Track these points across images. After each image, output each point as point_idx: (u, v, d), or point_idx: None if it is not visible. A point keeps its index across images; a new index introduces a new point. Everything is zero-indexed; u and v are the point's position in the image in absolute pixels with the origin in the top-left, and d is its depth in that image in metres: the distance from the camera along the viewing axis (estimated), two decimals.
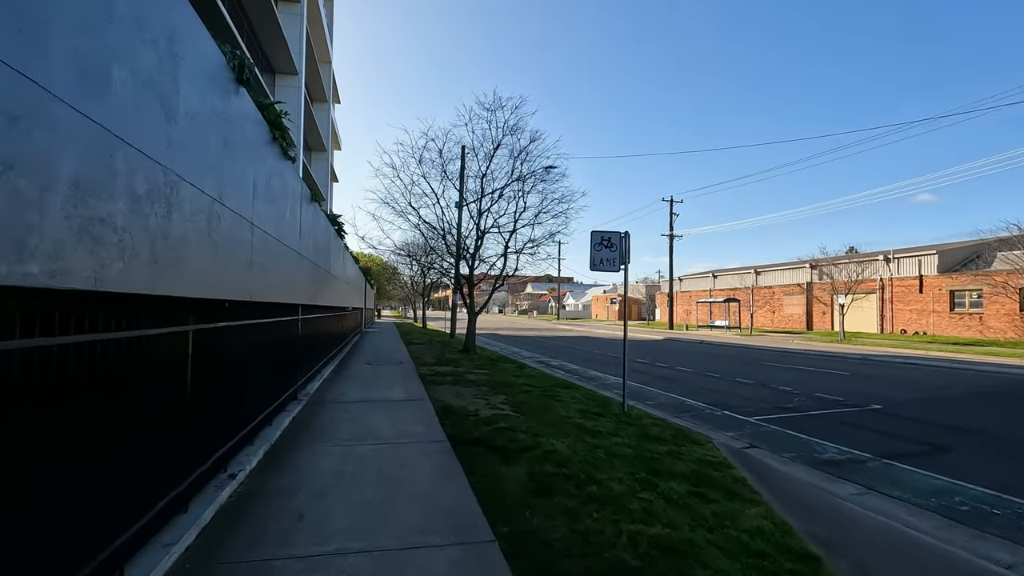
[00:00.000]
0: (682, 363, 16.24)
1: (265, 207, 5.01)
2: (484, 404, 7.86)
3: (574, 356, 18.60)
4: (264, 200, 4.96)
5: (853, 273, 30.41)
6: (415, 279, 40.90)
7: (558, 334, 34.47)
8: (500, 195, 16.32)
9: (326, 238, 10.18)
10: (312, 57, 28.76)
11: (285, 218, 6.05)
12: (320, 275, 9.40)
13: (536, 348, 22.31)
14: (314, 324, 9.58)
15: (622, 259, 7.81)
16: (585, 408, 7.77)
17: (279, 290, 5.95)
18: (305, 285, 7.85)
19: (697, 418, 8.21)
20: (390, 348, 17.72)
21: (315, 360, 9.79)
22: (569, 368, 14.80)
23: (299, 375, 7.97)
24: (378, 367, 12.18)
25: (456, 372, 11.53)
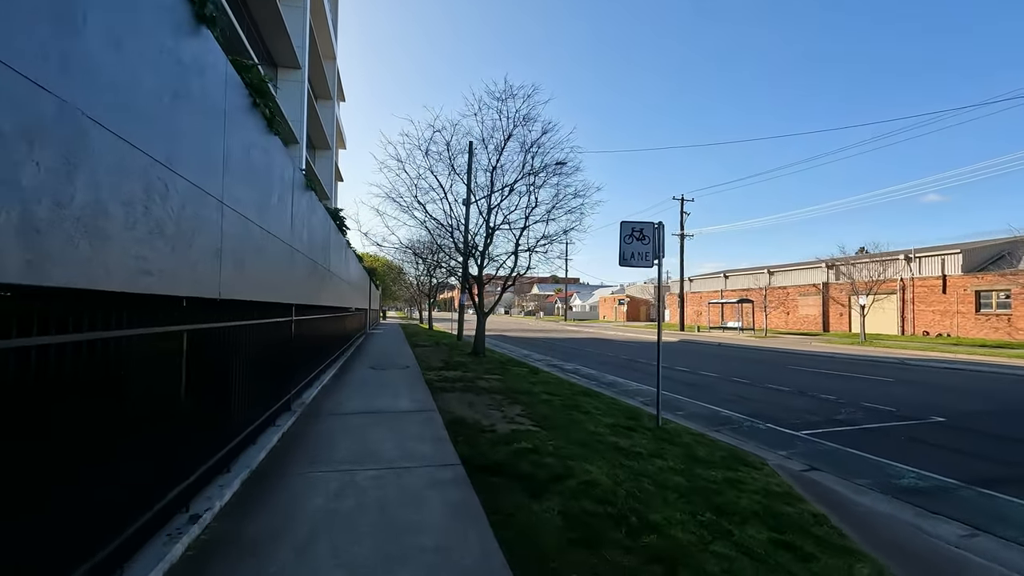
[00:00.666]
0: (704, 367, 15.29)
1: (244, 187, 4.15)
2: (500, 416, 6.97)
3: (588, 359, 17.68)
4: (242, 178, 4.09)
5: (875, 273, 29.31)
6: (420, 279, 40.13)
7: (568, 336, 33.54)
8: (511, 190, 15.45)
9: (325, 232, 9.33)
10: (316, 52, 28.01)
11: (272, 204, 5.18)
12: (318, 273, 8.55)
13: (547, 350, 21.41)
14: (312, 326, 8.73)
15: (656, 253, 6.91)
16: (615, 422, 6.86)
17: (265, 287, 5.09)
18: (300, 283, 7.00)
19: (739, 432, 7.28)
20: (395, 351, 16.87)
21: (313, 365, 8.93)
22: (585, 373, 13.89)
23: (293, 383, 7.12)
24: (382, 372, 11.31)
25: (466, 378, 10.64)
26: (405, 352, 16.42)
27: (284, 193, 5.77)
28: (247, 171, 4.25)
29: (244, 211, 4.14)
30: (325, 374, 10.35)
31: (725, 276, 51.56)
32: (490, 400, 8.19)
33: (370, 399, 8.00)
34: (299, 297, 7.00)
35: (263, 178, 4.79)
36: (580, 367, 15.21)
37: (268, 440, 5.33)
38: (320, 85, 31.49)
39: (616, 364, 16.14)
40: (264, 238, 4.86)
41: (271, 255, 5.25)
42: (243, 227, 4.13)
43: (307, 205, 7.28)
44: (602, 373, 13.77)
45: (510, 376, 11.22)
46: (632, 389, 11.13)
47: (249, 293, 4.46)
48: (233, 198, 3.81)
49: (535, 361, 16.52)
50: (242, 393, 4.80)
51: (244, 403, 4.85)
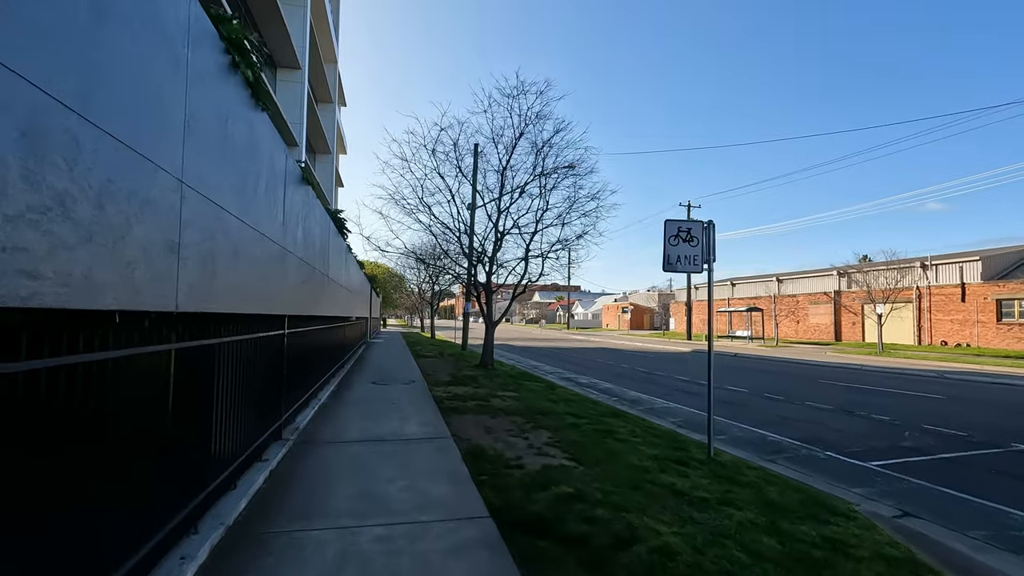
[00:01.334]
0: (729, 381, 14.31)
1: (218, 168, 3.23)
2: (525, 445, 6.00)
3: (602, 372, 16.69)
4: (215, 156, 3.17)
5: (892, 280, 28.36)
6: (422, 287, 39.18)
7: (574, 345, 32.55)
8: (521, 192, 14.55)
9: (323, 234, 8.40)
10: (316, 53, 27.28)
11: (258, 195, 4.26)
12: (315, 279, 7.61)
13: (556, 361, 20.42)
14: (308, 339, 7.78)
15: (707, 256, 5.97)
16: (660, 454, 5.89)
17: (249, 296, 4.15)
18: (294, 291, 6.06)
19: (799, 463, 6.32)
20: (398, 362, 15.90)
21: (309, 382, 7.97)
22: (603, 387, 12.92)
23: (285, 406, 6.16)
24: (385, 388, 10.34)
25: (478, 395, 9.67)
26: (409, 364, 15.44)
27: (274, 184, 4.84)
28: (223, 148, 3.32)
29: (218, 198, 3.20)
30: (323, 391, 9.39)
31: (732, 284, 50.63)
32: (510, 424, 7.22)
33: (373, 423, 7.03)
34: (293, 307, 6.07)
35: (246, 161, 3.86)
36: (596, 381, 14.23)
37: (252, 482, 4.37)
38: (321, 88, 30.79)
39: (634, 378, 15.16)
40: (247, 235, 3.93)
41: (257, 257, 4.31)
42: (215, 218, 3.19)
43: (303, 201, 6.35)
44: (622, 388, 12.79)
45: (526, 393, 10.25)
46: (660, 408, 10.16)
47: (226, 303, 3.52)
48: (199, 178, 2.88)
49: (547, 374, 15.54)
50: (220, 428, 3.85)
51: (222, 440, 3.89)
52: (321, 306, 8.47)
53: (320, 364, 9.32)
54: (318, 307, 8.12)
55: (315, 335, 8.55)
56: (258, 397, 5.05)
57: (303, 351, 7.41)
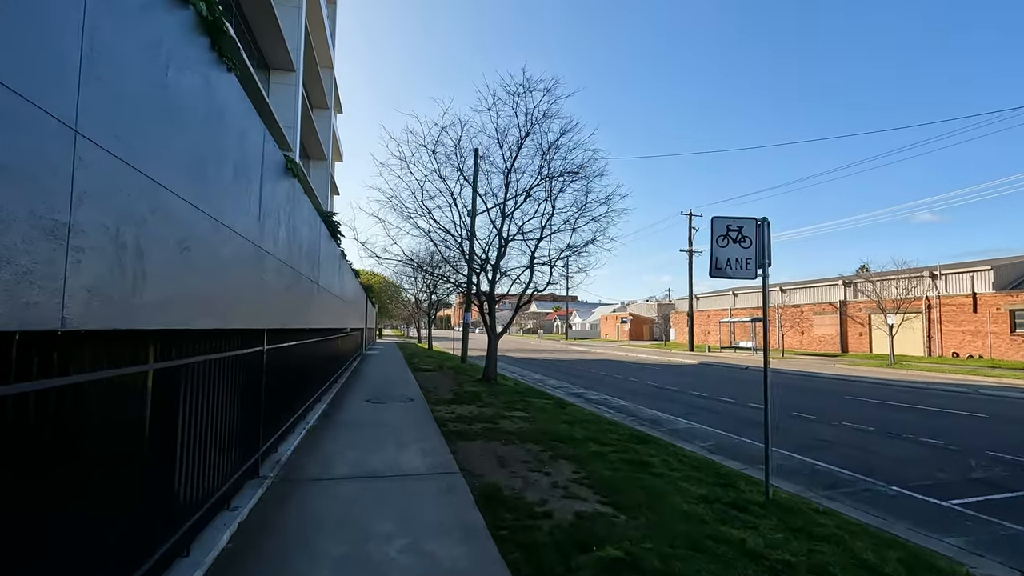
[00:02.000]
0: (751, 397, 13.39)
1: (151, 130, 2.33)
2: (549, 483, 5.07)
3: (611, 387, 15.75)
4: (146, 112, 2.27)
5: (903, 290, 27.61)
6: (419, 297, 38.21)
7: (575, 356, 31.59)
8: (527, 196, 13.68)
9: (313, 237, 7.50)
10: (312, 57, 26.54)
11: (221, 176, 3.36)
12: (303, 287, 6.70)
13: (560, 374, 19.48)
14: (294, 355, 6.85)
15: (761, 259, 5.10)
16: (708, 493, 4.96)
17: (209, 306, 3.24)
18: (276, 299, 5.15)
19: (867, 501, 5.41)
20: (395, 376, 14.92)
21: (296, 404, 7.03)
22: (616, 405, 11.98)
23: (264, 435, 5.22)
24: (381, 407, 9.38)
25: (484, 415, 8.73)
26: (406, 378, 14.47)
27: (247, 168, 3.94)
28: (162, 105, 2.43)
29: (153, 170, 2.30)
30: (313, 412, 8.43)
31: (733, 294, 49.85)
32: (525, 453, 6.28)
33: (367, 452, 6.07)
34: (275, 318, 5.15)
35: (202, 130, 2.97)
36: (607, 397, 13.29)
37: (213, 543, 3.42)
38: (316, 93, 30.05)
39: (647, 394, 14.22)
40: (203, 227, 3.02)
41: (221, 257, 3.40)
42: (146, 196, 2.28)
43: (287, 196, 5.45)
44: (637, 406, 11.85)
45: (536, 412, 9.31)
46: (684, 428, 9.23)
47: (169, 316, 2.60)
48: (112, 133, 1.98)
49: (553, 389, 14.60)
50: (171, 474, 2.93)
51: (175, 488, 2.97)
52: (311, 317, 7.55)
53: (310, 382, 8.37)
54: (307, 318, 7.19)
55: (303, 350, 7.61)
56: (228, 430, 4.12)
57: (289, 369, 6.48)
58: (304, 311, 6.91)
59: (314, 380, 9.00)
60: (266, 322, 4.82)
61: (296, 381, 7.10)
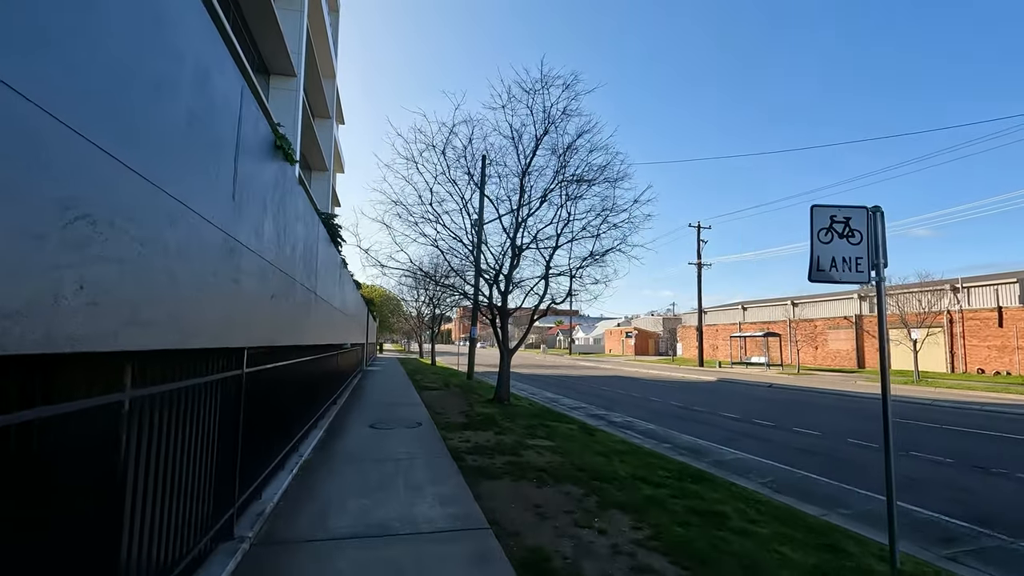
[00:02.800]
0: (792, 420, 12.23)
1: (50, 58, 1.26)
2: (607, 547, 3.93)
3: (633, 407, 14.57)
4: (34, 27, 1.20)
5: (927, 304, 26.50)
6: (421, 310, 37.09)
7: (585, 373, 30.38)
8: (543, 200, 12.65)
9: (310, 237, 6.43)
10: (313, 64, 25.79)
11: (166, 117, 2.30)
12: (296, 295, 5.61)
13: (574, 392, 18.30)
14: (286, 376, 5.74)
15: (875, 259, 4.02)
16: (819, 564, 3.82)
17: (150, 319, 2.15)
18: (261, 311, 4.07)
19: (998, 563, 4.27)
20: (398, 395, 13.77)
21: (285, 436, 5.90)
22: (643, 428, 10.83)
23: (242, 483, 4.10)
24: (386, 434, 8.24)
25: (504, 444, 7.58)
26: (411, 397, 13.32)
27: (213, 122, 2.89)
28: (72, 22, 1.37)
29: (55, 106, 1.24)
30: (307, 441, 7.29)
31: (743, 308, 48.78)
32: (565, 498, 5.13)
33: (373, 498, 4.93)
34: (259, 334, 4.06)
35: (130, 56, 1.91)
36: (631, 419, 12.13)
37: None
38: (318, 103, 29.28)
39: (674, 415, 13.05)
40: (130, 191, 1.95)
41: (165, 243, 2.33)
42: (45, 140, 1.21)
43: (275, 180, 4.39)
44: (667, 430, 10.69)
45: (562, 440, 8.17)
46: (731, 460, 8.09)
47: (81, 331, 1.52)
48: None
49: (571, 410, 13.43)
50: (111, 546, 1.82)
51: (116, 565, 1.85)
52: (307, 332, 6.45)
53: (306, 406, 7.25)
54: (302, 333, 6.10)
55: (298, 370, 6.50)
56: (191, 481, 3.02)
57: (278, 394, 5.36)
58: (299, 325, 5.81)
59: (311, 404, 7.88)
60: (244, 339, 3.73)
61: (288, 408, 5.98)
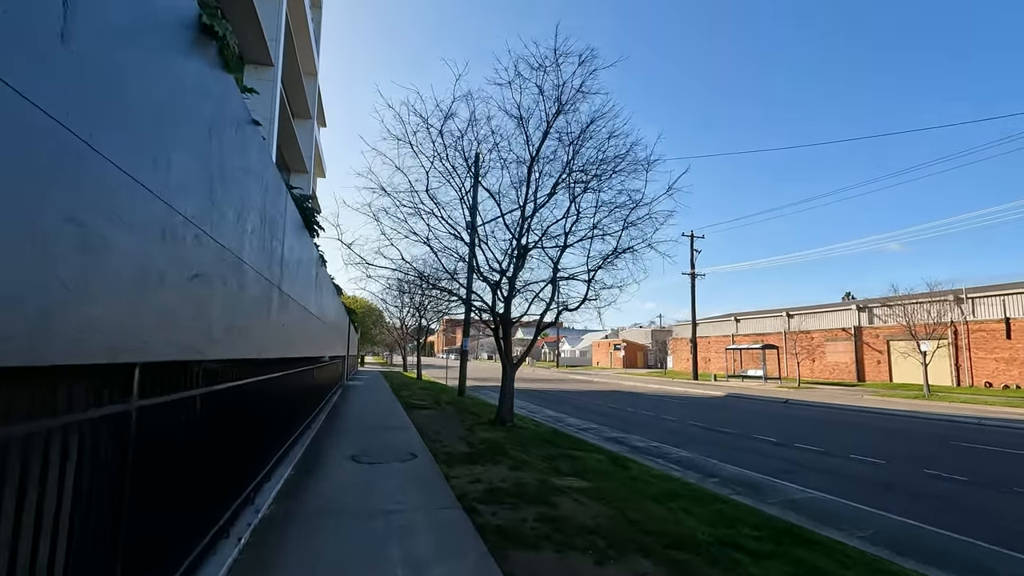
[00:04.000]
0: (833, 443, 10.73)
1: None
2: None
3: (649, 428, 12.94)
4: None
5: (938, 314, 25.49)
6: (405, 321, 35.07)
7: (580, 387, 28.74)
8: (553, 192, 11.06)
9: (272, 210, 4.73)
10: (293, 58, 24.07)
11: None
12: (244, 283, 3.90)
13: (576, 410, 16.63)
14: (229, 403, 3.99)
15: None
16: None
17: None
18: (172, 299, 2.38)
19: None
20: (384, 416, 11.97)
21: (228, 488, 4.13)
22: (678, 456, 9.20)
23: (174, 562, 2.36)
24: (373, 471, 6.48)
25: (527, 486, 5.88)
26: (399, 418, 11.54)
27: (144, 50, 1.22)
28: None
29: None
30: (268, 486, 5.50)
31: (736, 320, 47.72)
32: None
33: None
34: (167, 339, 2.37)
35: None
36: (657, 444, 10.49)
37: None
38: (298, 101, 27.51)
39: (702, 439, 11.45)
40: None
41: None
42: None
43: (200, 89, 2.71)
44: (705, 458, 9.08)
45: (596, 477, 6.50)
46: (802, 500, 6.51)
47: None
48: None
49: (582, 431, 11.77)
50: None
51: None
52: (265, 340, 4.72)
53: (265, 440, 5.47)
54: (257, 341, 4.37)
55: (252, 393, 4.75)
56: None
57: (217, 428, 3.62)
58: (251, 330, 4.09)
59: (275, 434, 6.10)
60: (136, 349, 2.03)
61: (237, 446, 4.23)
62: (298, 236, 6.55)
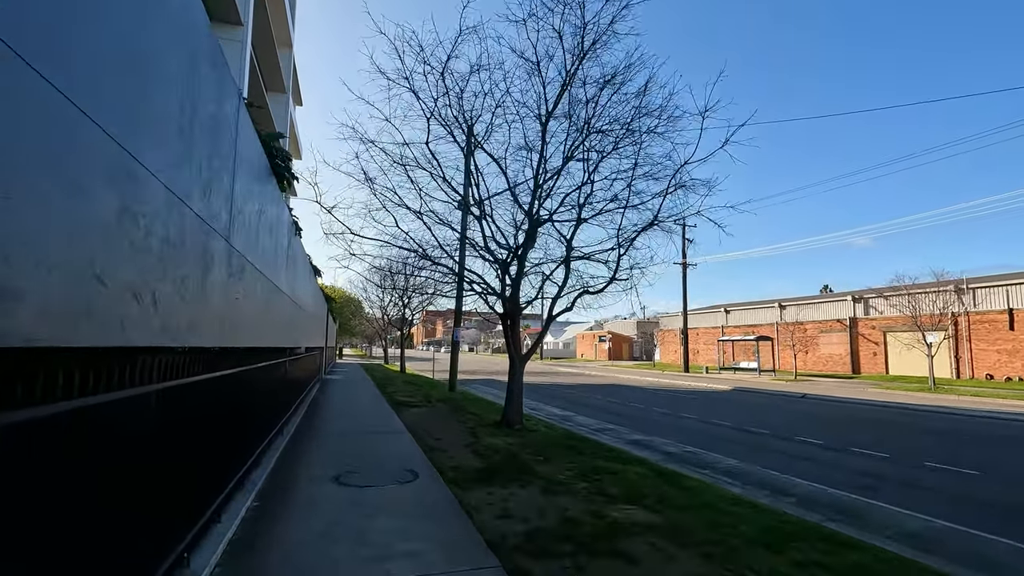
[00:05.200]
0: (894, 447, 9.38)
1: None
2: None
3: (670, 429, 11.47)
4: None
5: (941, 304, 24.64)
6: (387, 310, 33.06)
7: (573, 380, 27.30)
8: (568, 159, 9.40)
9: (217, 126, 3.02)
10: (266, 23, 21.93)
11: None
12: (191, 236, 2.20)
13: (581, 406, 15.11)
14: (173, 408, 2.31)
15: None
16: None
17: None
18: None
19: None
20: (371, 418, 10.27)
21: (175, 526, 2.45)
22: (727, 467, 7.72)
23: None
24: (362, 500, 4.81)
25: (576, 521, 4.30)
26: (388, 419, 9.85)
27: None
28: None
29: None
30: (215, 530, 3.80)
31: (726, 311, 46.86)
32: None
33: None
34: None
35: None
36: (694, 449, 8.99)
37: None
38: (272, 74, 25.31)
39: (737, 441, 10.01)
40: None
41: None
42: None
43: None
44: (761, 468, 7.60)
45: (656, 501, 4.94)
46: (921, 530, 5.05)
47: None
48: None
49: (595, 431, 10.24)
50: None
51: None
52: (202, 321, 3.03)
53: (212, 463, 3.77)
54: (189, 322, 2.68)
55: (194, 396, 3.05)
56: None
57: (129, 453, 1.94)
58: (167, 299, 2.40)
59: (231, 451, 4.38)
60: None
61: (167, 478, 2.54)
62: (261, 181, 4.81)
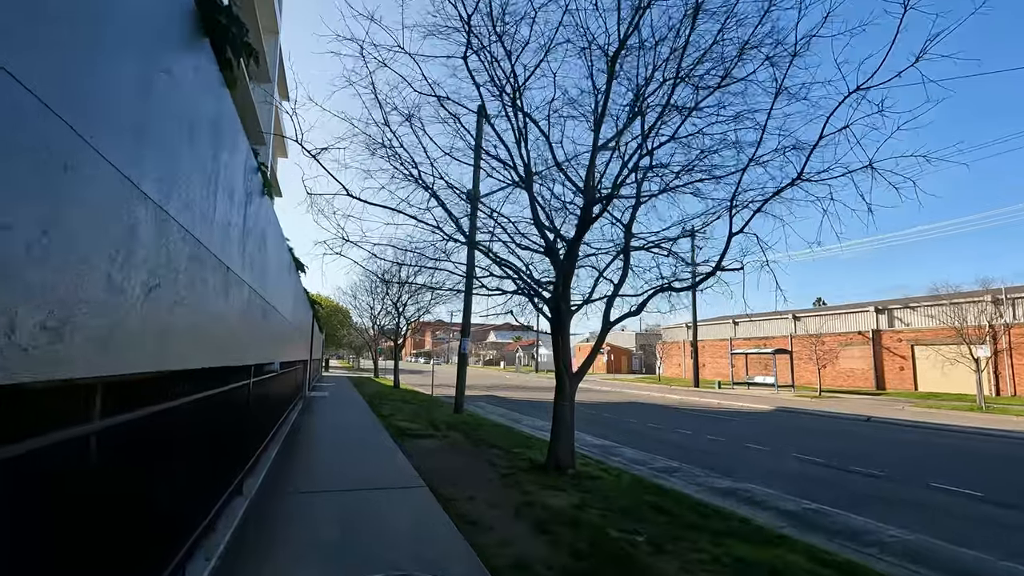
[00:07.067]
0: (993, 486, 7.08)
1: None
2: None
3: (752, 468, 9.05)
4: None
5: (988, 315, 22.65)
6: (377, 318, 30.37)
7: (583, 397, 24.84)
8: (667, 105, 6.88)
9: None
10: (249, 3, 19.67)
11: None
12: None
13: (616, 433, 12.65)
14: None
15: None
16: None
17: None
18: None
19: None
20: (367, 455, 7.76)
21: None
22: (894, 540, 5.34)
23: None
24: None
25: None
26: (391, 460, 7.36)
27: None
28: None
29: None
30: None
31: (734, 323, 44.83)
32: None
33: None
34: None
35: None
36: (814, 505, 6.60)
37: None
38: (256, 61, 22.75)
39: (858, 492, 7.65)
40: None
41: None
42: None
43: None
44: (944, 544, 5.25)
45: None
46: None
47: None
48: None
49: (659, 473, 7.82)
50: None
51: None
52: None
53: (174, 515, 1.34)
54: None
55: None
56: None
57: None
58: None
59: (185, 510, 1.94)
60: None
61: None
62: (229, 125, 2.39)
